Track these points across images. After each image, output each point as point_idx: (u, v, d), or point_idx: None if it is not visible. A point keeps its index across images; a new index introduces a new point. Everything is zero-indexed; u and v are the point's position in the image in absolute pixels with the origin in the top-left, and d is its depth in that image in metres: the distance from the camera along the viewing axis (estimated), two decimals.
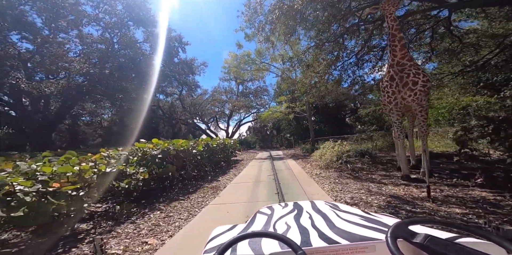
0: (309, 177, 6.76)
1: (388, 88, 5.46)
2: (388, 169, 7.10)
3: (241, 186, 6.18)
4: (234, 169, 9.73)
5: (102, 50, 19.48)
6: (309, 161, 10.30)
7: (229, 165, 11.26)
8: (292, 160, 11.52)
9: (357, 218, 1.04)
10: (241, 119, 37.24)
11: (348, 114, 35.77)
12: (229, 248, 0.73)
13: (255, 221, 1.23)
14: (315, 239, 0.87)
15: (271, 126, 38.32)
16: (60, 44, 16.84)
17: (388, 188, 4.86)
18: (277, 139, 36.02)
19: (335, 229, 0.93)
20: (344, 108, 34.53)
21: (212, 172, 9.06)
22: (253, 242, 0.90)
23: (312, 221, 1.05)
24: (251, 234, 0.78)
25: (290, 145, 27.85)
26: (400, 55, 5.24)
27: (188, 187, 6.46)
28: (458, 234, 0.82)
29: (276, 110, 21.99)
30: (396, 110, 5.48)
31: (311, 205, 1.32)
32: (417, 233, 0.73)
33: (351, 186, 5.21)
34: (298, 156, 13.44)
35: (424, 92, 5.17)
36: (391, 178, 5.83)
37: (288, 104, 20.94)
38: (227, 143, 11.66)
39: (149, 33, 22.52)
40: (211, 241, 1.11)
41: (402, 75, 5.24)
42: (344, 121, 34.85)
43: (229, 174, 8.52)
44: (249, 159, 14.39)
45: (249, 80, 35.16)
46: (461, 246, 0.65)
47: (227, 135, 34.83)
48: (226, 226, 1.29)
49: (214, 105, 32.29)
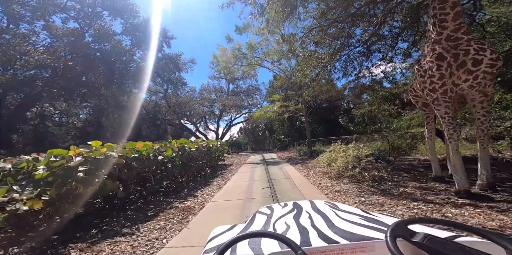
0: (318, 190, 5.00)
1: (433, 71, 3.82)
2: (417, 178, 5.45)
3: (225, 206, 4.34)
4: (220, 178, 7.86)
5: (72, 42, 17.12)
6: (311, 167, 8.58)
7: (214, 171, 9.37)
8: (290, 165, 9.76)
9: (356, 217, 1.04)
10: (232, 120, 35.34)
11: (341, 115, 34.75)
12: (228, 248, 0.72)
13: (254, 221, 1.23)
14: (315, 238, 0.86)
15: (263, 127, 36.62)
16: (25, 36, 14.50)
17: (452, 212, 3.16)
18: (270, 140, 34.35)
19: (334, 228, 0.93)
20: (337, 109, 33.53)
21: (191, 182, 7.15)
22: (252, 242, 0.91)
23: (311, 221, 1.05)
24: (251, 234, 0.77)
25: (283, 147, 26.18)
26: (452, 27, 3.68)
27: (149, 206, 4.56)
28: (458, 234, 0.82)
29: (269, 110, 20.27)
30: (444, 101, 3.82)
31: (311, 205, 1.31)
32: (416, 232, 0.73)
33: (391, 208, 3.47)
34: (295, 160, 11.70)
35: (490, 76, 3.57)
36: (436, 192, 4.16)
37: (282, 103, 19.31)
38: (212, 145, 9.77)
39: (128, 25, 20.31)
40: (211, 241, 1.12)
41: (456, 52, 3.65)
42: (337, 122, 33.86)
43: (212, 185, 6.64)
44: (239, 163, 12.54)
45: (241, 78, 33.40)
46: (460, 245, 0.65)
47: (216, 136, 32.78)
48: (225, 226, 1.29)
49: (203, 104, 30.21)
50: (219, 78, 33.00)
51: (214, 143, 10.59)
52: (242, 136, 41.93)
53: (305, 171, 7.86)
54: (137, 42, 20.96)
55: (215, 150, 9.97)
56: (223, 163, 12.48)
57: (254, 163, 12.19)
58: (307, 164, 9.65)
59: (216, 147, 10.20)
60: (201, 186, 6.49)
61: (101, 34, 17.78)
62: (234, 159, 15.82)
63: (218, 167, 10.79)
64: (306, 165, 9.23)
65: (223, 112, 33.01)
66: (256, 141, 37.01)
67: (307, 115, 17.06)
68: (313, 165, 8.89)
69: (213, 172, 9.45)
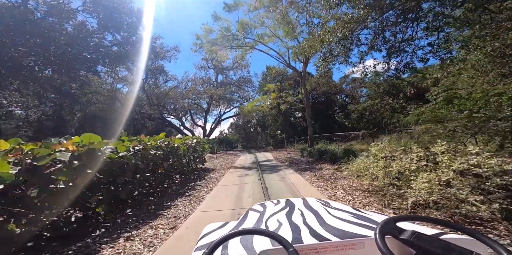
0: None
1: None
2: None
3: None
4: (187, 197, 4.81)
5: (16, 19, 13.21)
6: (331, 178, 5.65)
7: (185, 183, 6.32)
8: (296, 173, 6.81)
9: (347, 215, 1.04)
10: (221, 114, 32.08)
11: (337, 111, 32.40)
12: (220, 245, 0.72)
13: (247, 218, 1.22)
14: (306, 236, 0.86)
15: (256, 123, 33.65)
16: None
17: None
18: (262, 136, 31.47)
19: (326, 226, 0.93)
20: (333, 104, 31.14)
21: (127, 210, 4.07)
22: (244, 239, 0.90)
23: (303, 218, 1.04)
24: (243, 231, 0.77)
25: (278, 144, 23.33)
26: None
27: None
28: (444, 231, 0.83)
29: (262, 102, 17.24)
30: None
31: (303, 202, 1.30)
32: (404, 230, 0.74)
33: None
34: (299, 164, 8.76)
35: None
36: None
37: (277, 94, 16.35)
38: (181, 144, 6.64)
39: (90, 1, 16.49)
40: (203, 238, 1.11)
41: None
42: (333, 118, 31.51)
43: (165, 215, 3.60)
44: (225, 167, 9.50)
45: (231, 69, 30.11)
46: (445, 242, 0.67)
47: (204, 132, 29.51)
48: (218, 223, 1.28)
49: (188, 97, 26.76)
50: (206, 68, 29.61)
51: (187, 140, 7.44)
52: (232, 132, 38.81)
53: (325, 185, 4.93)
54: (104, 24, 17.25)
55: (186, 151, 6.82)
56: (203, 166, 9.41)
57: (244, 167, 9.18)
58: (320, 170, 6.74)
59: (187, 147, 7.05)
60: (140, 221, 3.44)
61: (53, 11, 13.96)
62: (219, 160, 12.72)
63: (193, 173, 7.74)
64: (320, 173, 6.29)
65: (211, 106, 29.71)
66: (248, 138, 34.06)
67: (308, 107, 14.16)
68: (330, 173, 5.99)
69: (183, 183, 6.39)
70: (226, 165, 10.18)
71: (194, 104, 28.81)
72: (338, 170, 6.18)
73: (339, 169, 6.16)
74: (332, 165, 7.33)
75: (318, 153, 8.93)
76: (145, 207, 4.31)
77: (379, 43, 7.33)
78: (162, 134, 6.03)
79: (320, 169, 6.97)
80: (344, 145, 13.21)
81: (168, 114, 28.49)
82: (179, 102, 27.26)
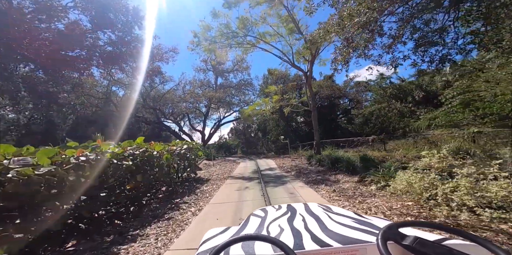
0: None
1: None
2: None
3: None
4: (165, 224, 3.55)
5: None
6: (354, 194, 4.35)
7: (170, 198, 5.05)
8: (308, 187, 5.49)
9: (349, 220, 1.02)
10: (220, 118, 30.86)
11: (340, 116, 31.23)
12: (222, 251, 0.70)
13: (248, 224, 1.19)
14: (308, 242, 0.84)
15: (256, 128, 32.40)
16: None
17: None
18: (263, 142, 30.17)
19: (327, 231, 0.91)
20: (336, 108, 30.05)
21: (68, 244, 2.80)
22: (246, 245, 0.88)
23: (305, 224, 1.02)
24: (244, 237, 0.74)
25: (279, 150, 22.02)
26: None
27: None
28: (447, 237, 0.81)
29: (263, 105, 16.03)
30: None
31: (304, 207, 1.27)
32: (406, 235, 0.73)
33: None
34: (308, 174, 7.46)
35: None
36: None
37: (280, 96, 15.23)
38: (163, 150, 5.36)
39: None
40: (204, 243, 1.09)
41: None
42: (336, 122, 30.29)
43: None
44: (222, 177, 8.20)
45: (231, 71, 29.14)
46: (448, 248, 0.65)
47: (203, 137, 28.26)
48: (219, 228, 1.24)
49: (186, 100, 25.65)
50: (206, 70, 28.65)
51: (174, 146, 6.15)
52: (232, 137, 37.52)
53: (352, 206, 3.62)
54: (97, 22, 16.34)
55: (171, 159, 5.50)
56: (195, 176, 8.11)
57: (244, 177, 7.87)
58: (337, 183, 5.45)
59: (173, 154, 5.75)
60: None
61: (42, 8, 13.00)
62: (216, 168, 11.41)
63: (183, 185, 6.46)
64: (339, 187, 4.99)
65: (210, 110, 28.55)
66: (248, 143, 32.77)
67: (315, 109, 12.95)
68: (353, 188, 4.70)
69: (168, 198, 5.11)
70: (223, 174, 8.87)
71: (193, 108, 27.66)
72: (361, 184, 4.90)
73: (363, 182, 4.88)
74: (350, 176, 6.05)
75: (330, 161, 7.64)
76: (100, 237, 3.04)
77: (407, 33, 6.17)
78: (139, 138, 4.79)
79: (337, 181, 5.67)
80: (351, 151, 11.99)
81: (166, 118, 27.33)
82: (177, 106, 26.15)
